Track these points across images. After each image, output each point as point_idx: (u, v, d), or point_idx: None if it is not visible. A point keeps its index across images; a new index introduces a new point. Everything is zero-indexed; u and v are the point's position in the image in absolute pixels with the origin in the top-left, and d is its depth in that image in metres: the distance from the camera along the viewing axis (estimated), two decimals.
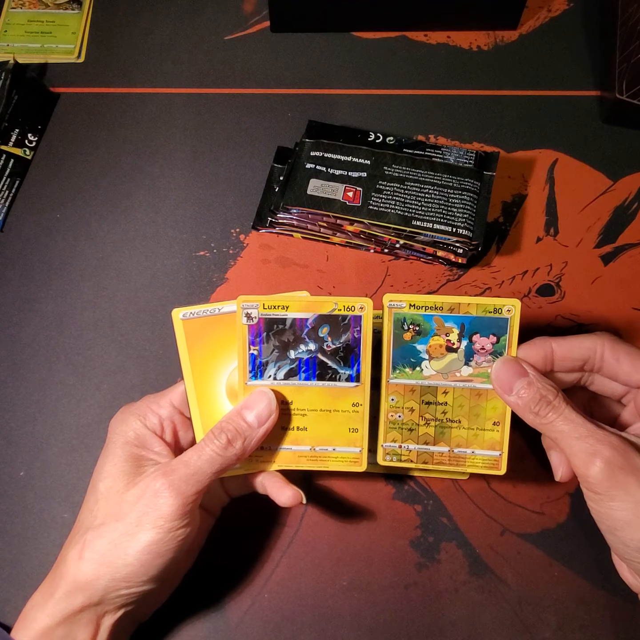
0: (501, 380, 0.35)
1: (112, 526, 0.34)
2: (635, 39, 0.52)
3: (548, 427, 0.34)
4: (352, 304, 0.37)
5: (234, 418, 0.36)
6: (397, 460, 0.39)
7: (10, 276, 0.51)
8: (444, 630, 0.40)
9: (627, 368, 0.35)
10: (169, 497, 0.33)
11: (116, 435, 0.37)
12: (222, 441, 0.35)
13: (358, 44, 0.61)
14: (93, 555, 0.33)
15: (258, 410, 0.36)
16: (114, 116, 0.57)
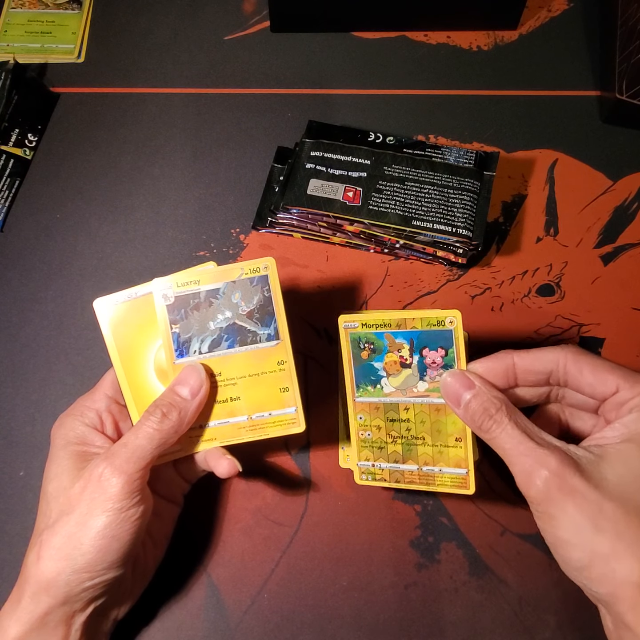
0: (449, 393, 0.35)
1: (64, 520, 0.34)
2: (635, 39, 0.52)
3: (492, 442, 0.34)
4: (257, 266, 0.38)
5: (167, 394, 0.36)
6: (372, 479, 0.39)
7: (10, 276, 0.51)
8: (444, 630, 0.40)
9: (589, 380, 0.34)
10: (112, 478, 0.33)
11: (57, 440, 0.37)
12: (158, 416, 0.35)
13: (358, 44, 0.61)
14: (50, 552, 0.33)
15: (189, 384, 0.36)
16: (114, 116, 0.57)
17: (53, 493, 0.35)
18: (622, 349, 0.48)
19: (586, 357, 0.34)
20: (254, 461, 0.44)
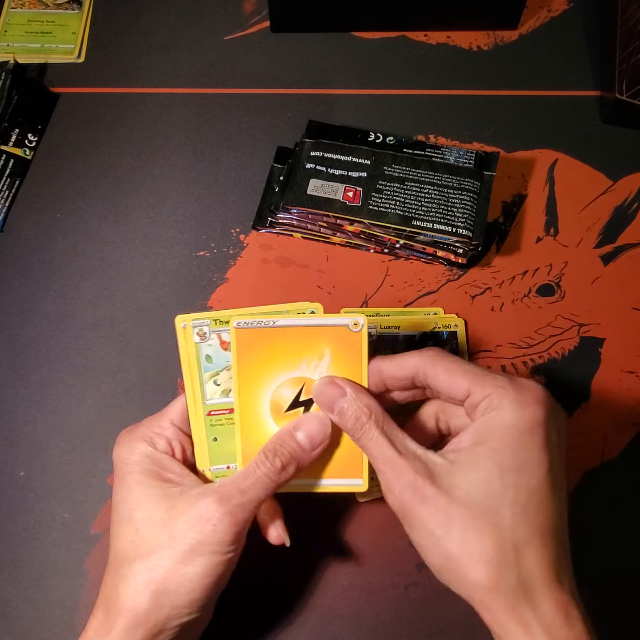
0: (322, 400, 0.35)
1: (165, 554, 0.32)
2: (635, 39, 0.52)
3: (363, 449, 0.34)
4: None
5: (287, 441, 0.34)
6: None
7: (10, 276, 0.51)
8: (444, 630, 0.40)
9: (445, 384, 0.34)
10: (227, 526, 0.32)
11: (131, 465, 0.35)
12: (277, 466, 0.34)
13: (358, 44, 0.61)
14: (150, 586, 0.32)
15: (312, 434, 0.35)
16: (114, 116, 0.57)
17: (144, 521, 0.34)
18: (622, 349, 0.48)
19: (443, 361, 0.34)
20: None
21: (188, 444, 0.38)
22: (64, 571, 0.42)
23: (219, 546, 0.32)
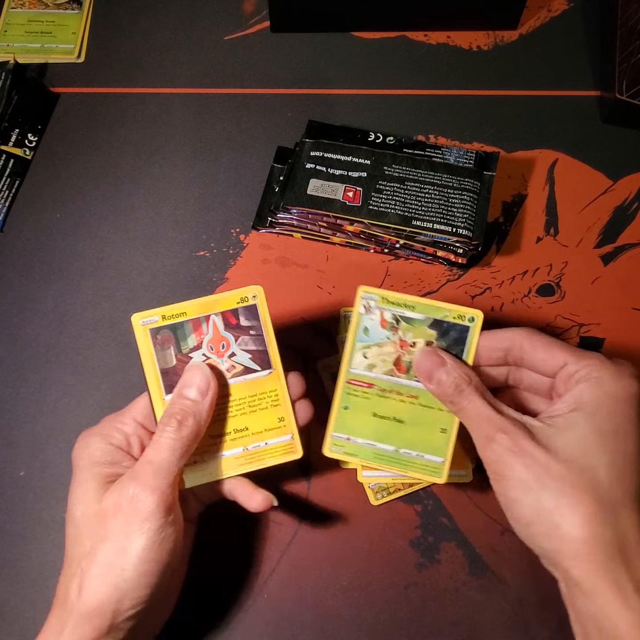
0: (422, 369, 0.37)
1: (102, 547, 0.33)
2: (635, 39, 0.52)
3: (460, 414, 0.36)
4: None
5: (177, 400, 0.35)
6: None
7: (10, 276, 0.51)
8: (444, 630, 0.40)
9: (542, 355, 0.36)
10: (146, 497, 0.33)
11: (82, 460, 0.36)
12: (174, 425, 0.34)
13: (358, 44, 0.61)
14: (93, 582, 0.32)
15: (196, 384, 0.36)
16: (114, 116, 0.57)
17: (82, 518, 0.34)
18: (622, 349, 0.48)
19: (540, 336, 0.37)
20: None
21: (148, 439, 0.37)
22: None
23: (149, 522, 0.32)
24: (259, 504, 0.37)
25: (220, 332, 0.37)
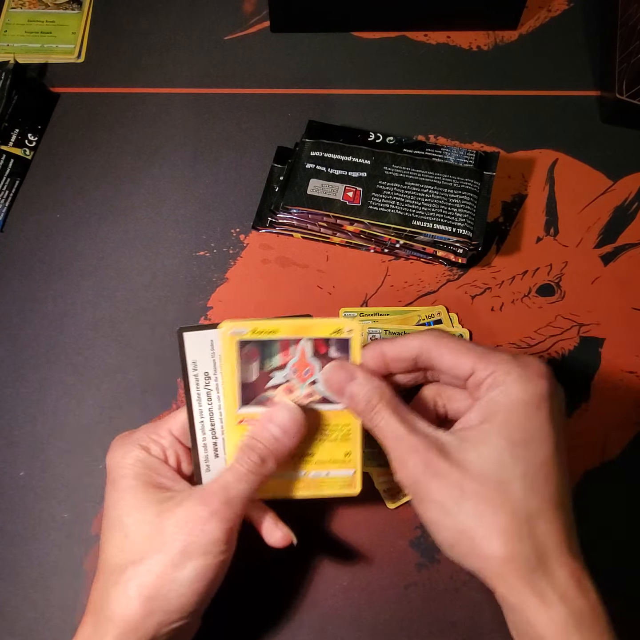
0: (332, 383, 0.35)
1: (156, 559, 0.32)
2: (635, 39, 0.52)
3: (374, 430, 0.34)
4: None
5: (264, 434, 0.35)
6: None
7: (10, 276, 0.51)
8: (444, 630, 0.40)
9: (449, 363, 0.34)
10: (216, 523, 0.32)
11: (123, 469, 0.35)
12: (255, 459, 0.34)
13: (358, 44, 0.61)
14: (141, 591, 0.32)
15: (287, 427, 0.35)
16: (114, 116, 0.57)
17: (133, 526, 0.33)
18: (622, 349, 0.48)
19: (447, 341, 0.35)
20: None
21: (185, 455, 0.37)
22: (63, 571, 0.42)
23: (210, 547, 0.32)
24: (277, 541, 0.36)
25: (306, 358, 0.36)
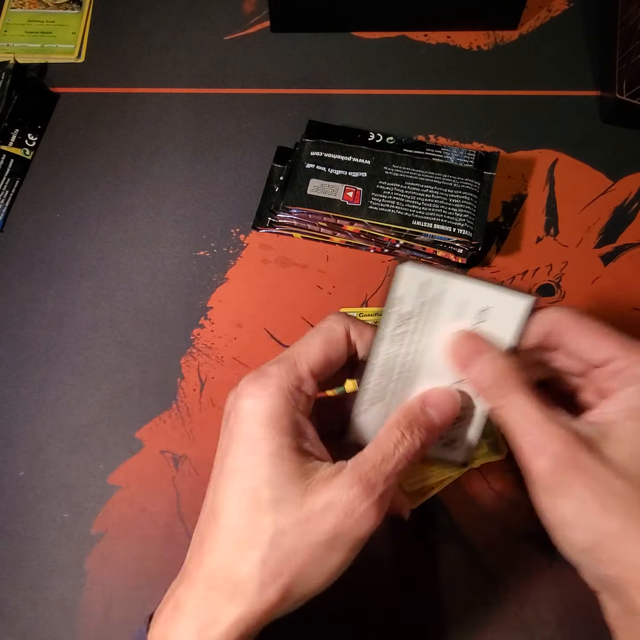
0: (458, 354, 0.32)
1: (299, 547, 0.29)
2: (635, 39, 0.52)
3: (500, 411, 0.31)
4: None
5: (420, 416, 0.31)
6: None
7: (10, 276, 0.51)
8: (445, 630, 0.40)
9: (585, 345, 0.31)
10: (371, 520, 0.29)
11: (266, 428, 0.30)
12: (417, 445, 0.30)
13: (358, 44, 0.61)
14: (280, 580, 0.29)
15: (441, 407, 0.32)
16: (114, 116, 0.57)
17: (275, 503, 0.29)
18: None
19: (587, 320, 0.31)
20: None
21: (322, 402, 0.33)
22: (63, 571, 0.42)
23: (357, 541, 0.29)
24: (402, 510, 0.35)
25: None
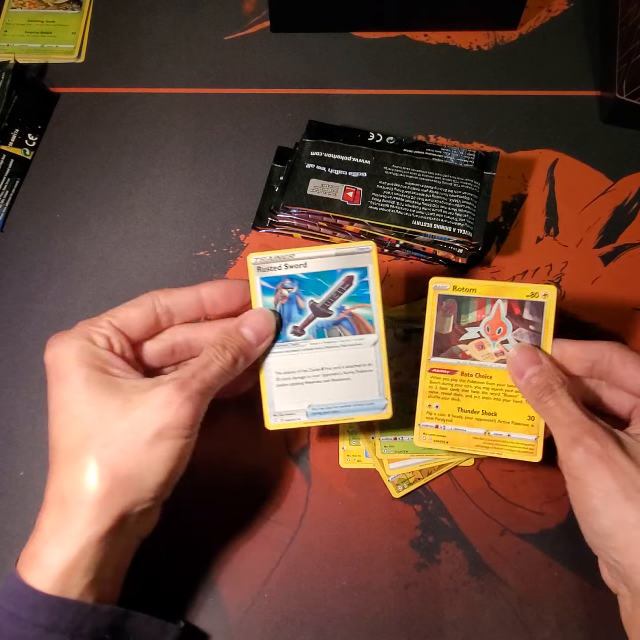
0: (515, 364, 0.37)
1: (129, 440, 0.33)
2: (635, 39, 0.52)
3: (546, 412, 0.36)
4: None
5: (235, 335, 0.37)
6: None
7: (10, 276, 0.51)
8: (444, 630, 0.40)
9: (632, 372, 0.36)
10: (188, 410, 0.34)
11: (72, 362, 0.34)
12: (229, 359, 0.36)
13: (358, 44, 0.61)
14: (115, 472, 0.33)
15: (255, 327, 0.37)
16: (114, 116, 0.57)
17: (99, 413, 0.33)
18: None
19: (630, 352, 0.36)
20: (253, 461, 0.44)
21: (127, 345, 0.37)
22: None
23: (181, 430, 0.34)
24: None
25: (500, 317, 0.39)
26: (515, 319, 0.39)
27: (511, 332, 0.39)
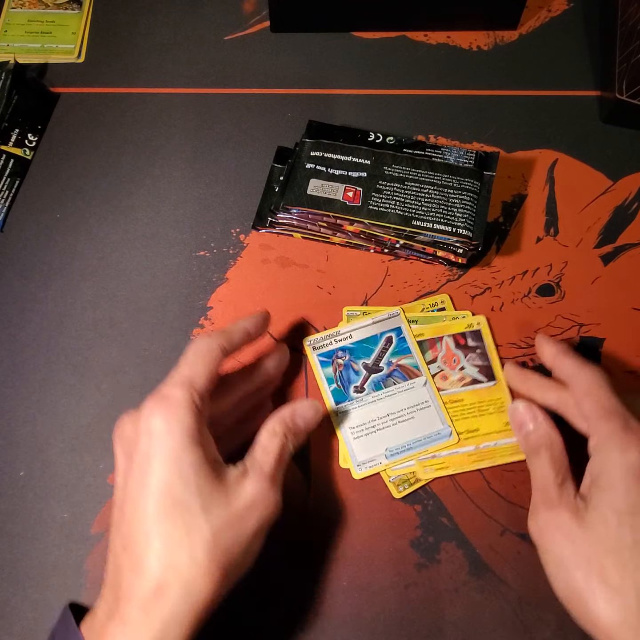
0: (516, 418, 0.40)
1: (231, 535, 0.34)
2: (635, 39, 0.52)
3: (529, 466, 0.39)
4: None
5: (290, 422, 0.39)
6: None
7: (10, 276, 0.51)
8: (444, 630, 0.40)
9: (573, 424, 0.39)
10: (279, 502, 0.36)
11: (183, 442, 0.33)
12: (290, 448, 0.38)
13: (358, 44, 0.61)
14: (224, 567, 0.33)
15: (307, 419, 0.39)
16: (114, 116, 0.57)
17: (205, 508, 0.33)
18: (622, 349, 0.48)
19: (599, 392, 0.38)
20: None
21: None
22: (63, 571, 0.42)
23: (271, 523, 0.36)
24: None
25: (452, 350, 0.46)
26: (463, 348, 0.46)
27: (464, 359, 0.45)
